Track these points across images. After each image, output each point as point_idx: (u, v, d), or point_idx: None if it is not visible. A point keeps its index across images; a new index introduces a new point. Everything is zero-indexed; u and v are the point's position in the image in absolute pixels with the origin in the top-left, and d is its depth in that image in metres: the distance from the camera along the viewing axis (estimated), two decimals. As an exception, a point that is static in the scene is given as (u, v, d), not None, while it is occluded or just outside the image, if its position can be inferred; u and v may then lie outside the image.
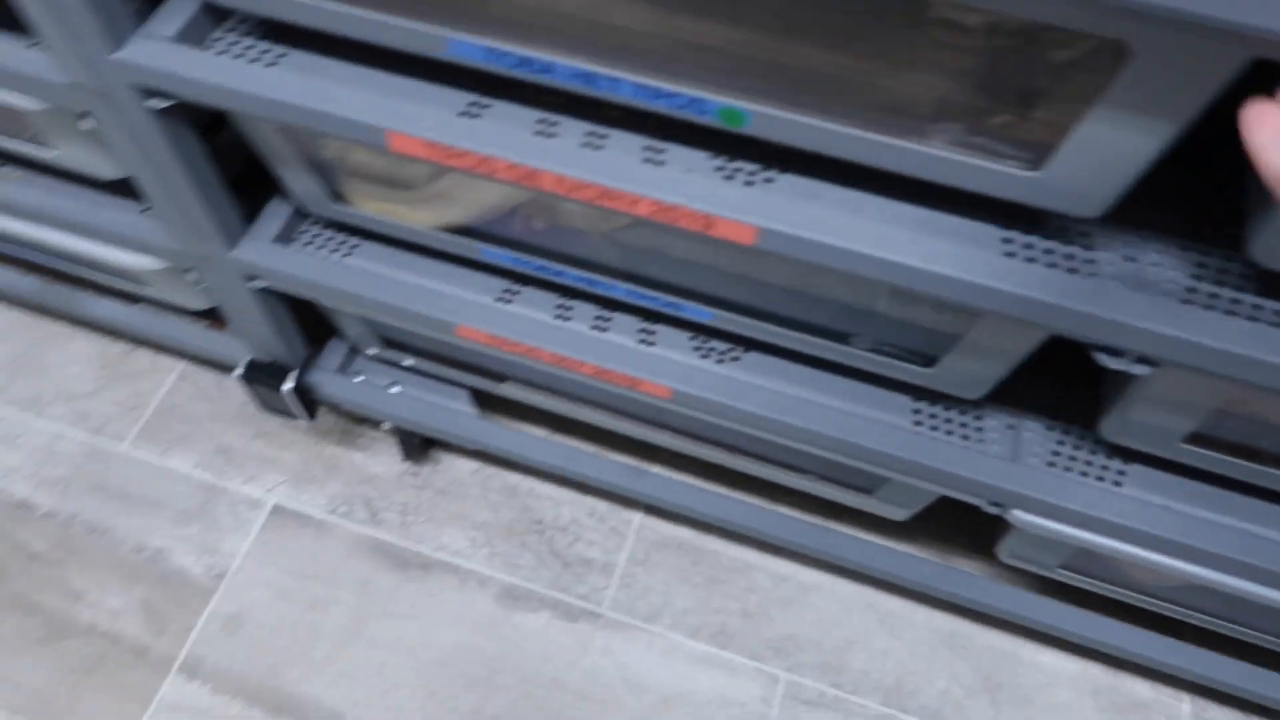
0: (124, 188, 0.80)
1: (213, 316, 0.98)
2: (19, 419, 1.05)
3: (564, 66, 0.51)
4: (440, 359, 0.89)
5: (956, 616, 0.96)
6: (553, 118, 0.57)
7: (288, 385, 0.87)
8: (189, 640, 0.94)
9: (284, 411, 0.93)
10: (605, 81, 0.51)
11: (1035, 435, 0.70)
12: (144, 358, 1.09)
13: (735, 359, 0.73)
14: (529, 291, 0.75)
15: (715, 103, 0.50)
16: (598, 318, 0.74)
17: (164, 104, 0.59)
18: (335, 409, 0.99)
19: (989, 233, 0.53)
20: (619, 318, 0.75)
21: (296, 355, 0.88)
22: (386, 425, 0.97)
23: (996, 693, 0.92)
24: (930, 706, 0.92)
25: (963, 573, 0.87)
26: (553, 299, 0.75)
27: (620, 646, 0.94)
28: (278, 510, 1.01)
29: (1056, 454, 0.69)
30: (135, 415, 1.06)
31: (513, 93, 0.58)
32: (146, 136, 0.62)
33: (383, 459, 1.04)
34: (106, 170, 0.72)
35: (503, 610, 0.96)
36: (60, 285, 0.99)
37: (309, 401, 0.91)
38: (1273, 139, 0.33)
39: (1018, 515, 0.68)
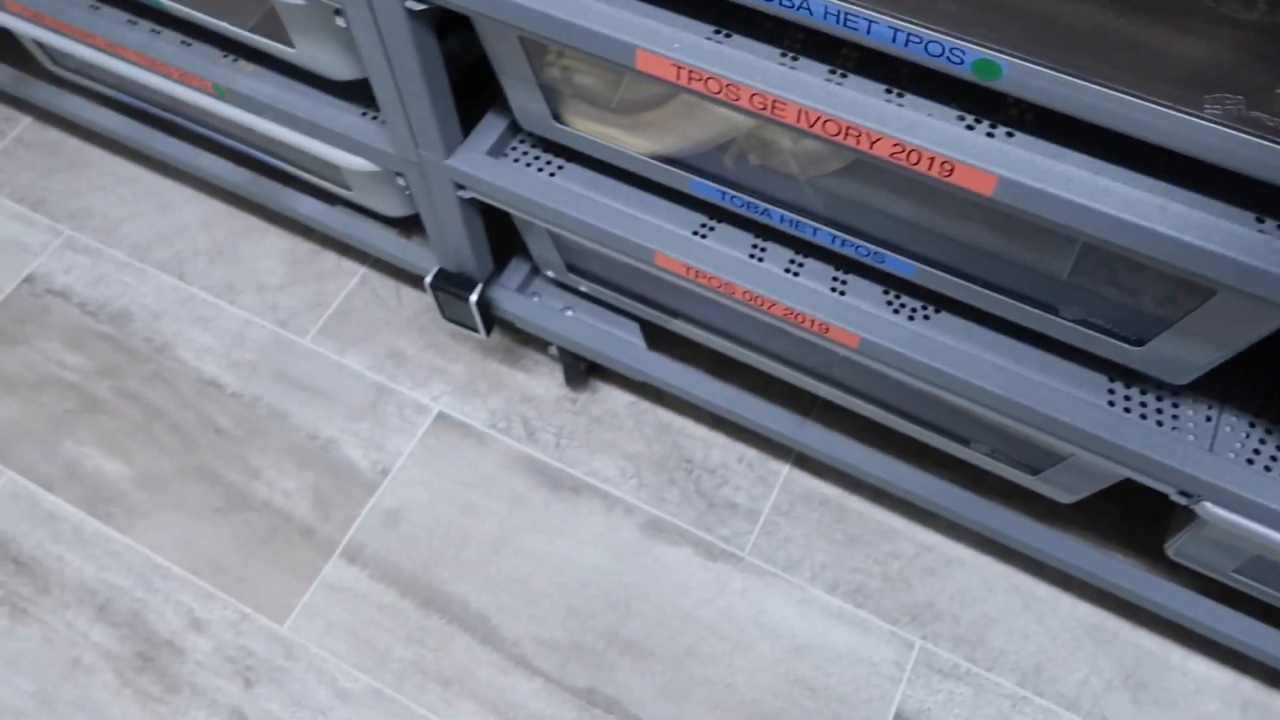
0: (345, 90, 0.84)
1: (403, 225, 1.03)
2: (215, 303, 1.13)
3: (821, 2, 0.51)
4: (617, 288, 0.90)
5: (1104, 610, 0.94)
6: (792, 53, 0.57)
7: (474, 296, 0.90)
8: (352, 528, 0.99)
9: (463, 322, 0.97)
10: (861, 22, 0.51)
11: (1235, 430, 0.68)
12: (329, 260, 1.15)
13: (926, 317, 0.72)
14: (724, 229, 0.76)
15: (973, 53, 0.50)
16: (791, 261, 0.75)
17: (421, 6, 0.61)
18: (509, 327, 1.02)
19: (1238, 213, 0.51)
20: (811, 264, 0.75)
21: (484, 269, 0.91)
22: (553, 349, 1.00)
23: (1139, 691, 0.90)
24: (1067, 695, 0.90)
25: (1126, 563, 0.84)
26: (748, 239, 0.76)
27: (757, 591, 0.96)
28: (442, 417, 1.05)
29: (1257, 451, 0.67)
30: (318, 313, 1.12)
31: (749, 27, 0.59)
32: (396, 36, 0.65)
33: (543, 382, 1.07)
34: (341, 70, 0.76)
35: (646, 540, 0.98)
36: (268, 180, 1.05)
37: (488, 316, 0.95)
38: None
39: (1209, 508, 0.66)
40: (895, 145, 0.52)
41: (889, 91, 0.56)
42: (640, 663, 0.93)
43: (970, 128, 0.54)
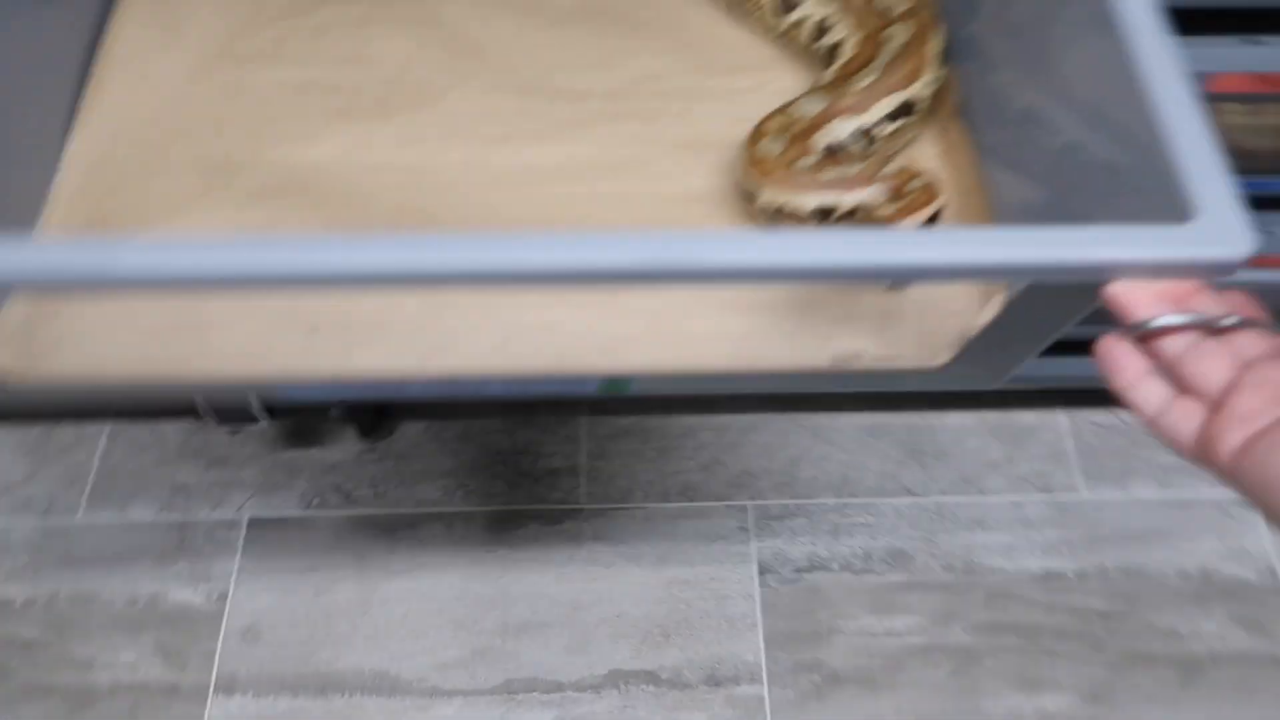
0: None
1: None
2: (-38, 525, 1.05)
3: None
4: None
5: (872, 412, 1.12)
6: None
7: (243, 388, 0.92)
8: (215, 663, 0.98)
9: (243, 419, 0.98)
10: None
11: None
12: (66, 432, 1.10)
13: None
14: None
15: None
16: (516, 229, 0.84)
17: None
18: (284, 413, 1.04)
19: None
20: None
21: (241, 360, 0.93)
22: (334, 411, 1.04)
23: (922, 458, 1.09)
24: (873, 486, 1.08)
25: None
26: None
27: (607, 529, 1.05)
28: (255, 522, 1.05)
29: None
30: (79, 486, 1.07)
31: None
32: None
33: (337, 447, 1.10)
34: None
35: (494, 535, 1.05)
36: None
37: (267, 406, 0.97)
38: (1133, 382, 0.34)
39: (902, 277, 0.83)
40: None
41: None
42: (538, 637, 0.99)
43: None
